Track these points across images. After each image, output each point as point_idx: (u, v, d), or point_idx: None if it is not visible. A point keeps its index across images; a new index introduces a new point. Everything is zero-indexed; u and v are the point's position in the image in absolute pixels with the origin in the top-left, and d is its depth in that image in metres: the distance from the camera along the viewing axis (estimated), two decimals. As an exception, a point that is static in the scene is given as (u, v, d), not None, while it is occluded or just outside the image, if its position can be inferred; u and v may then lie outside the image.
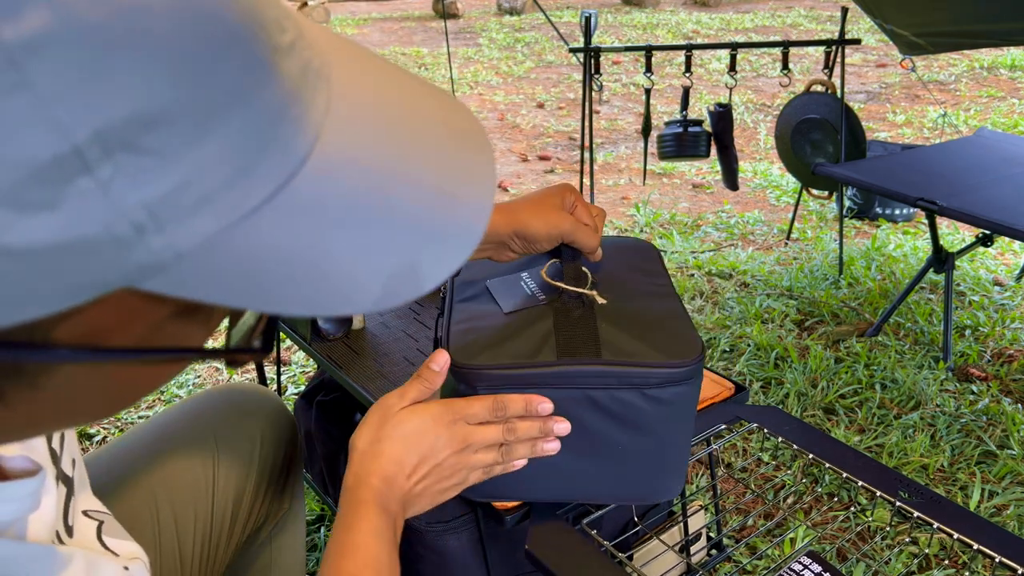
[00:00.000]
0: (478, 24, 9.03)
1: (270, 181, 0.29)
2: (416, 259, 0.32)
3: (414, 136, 0.34)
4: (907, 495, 0.87)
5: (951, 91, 5.46)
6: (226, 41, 0.27)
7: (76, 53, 0.24)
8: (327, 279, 0.30)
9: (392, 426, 0.72)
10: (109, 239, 0.25)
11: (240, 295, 0.29)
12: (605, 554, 0.83)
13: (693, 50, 2.53)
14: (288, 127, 0.29)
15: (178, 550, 0.85)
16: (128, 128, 0.25)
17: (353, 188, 0.31)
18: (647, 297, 0.89)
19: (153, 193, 0.26)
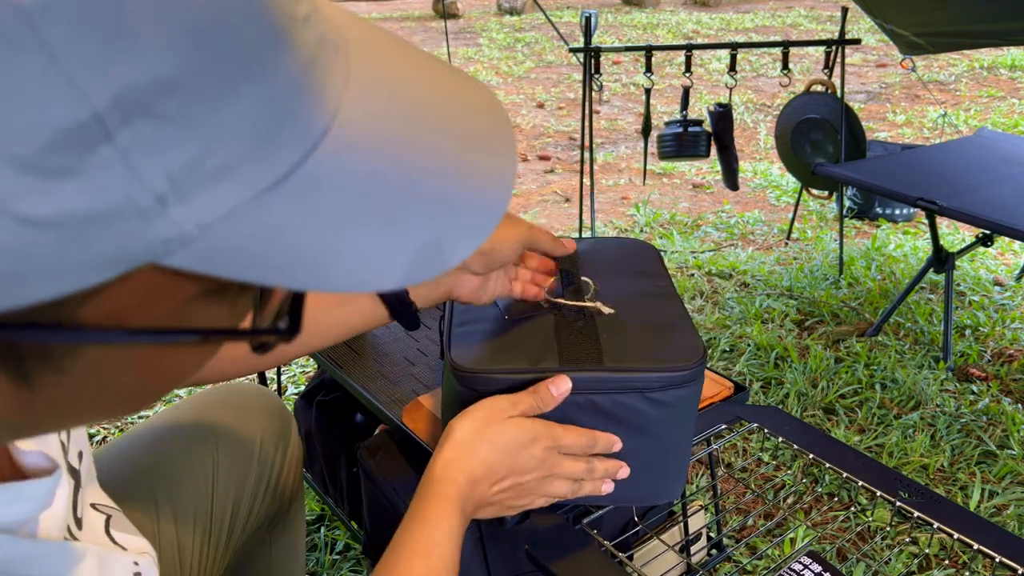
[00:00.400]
0: (478, 24, 9.03)
1: (291, 153, 0.28)
2: (440, 234, 0.32)
3: (434, 110, 0.34)
4: (907, 495, 0.87)
5: (951, 91, 5.46)
6: (243, 7, 0.26)
7: (94, 15, 0.23)
8: (352, 255, 0.30)
9: (496, 431, 0.72)
10: (132, 210, 0.25)
11: (265, 271, 0.28)
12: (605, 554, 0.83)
13: (693, 50, 2.53)
14: (307, 99, 0.28)
15: (178, 550, 0.85)
16: (147, 93, 0.24)
17: (375, 162, 0.30)
18: (648, 299, 0.90)
19: (173, 162, 0.25)
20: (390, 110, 0.32)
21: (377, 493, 1.07)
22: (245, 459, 0.93)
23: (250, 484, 0.93)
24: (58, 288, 0.26)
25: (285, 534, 1.02)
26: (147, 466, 0.87)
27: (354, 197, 0.30)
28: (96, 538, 0.55)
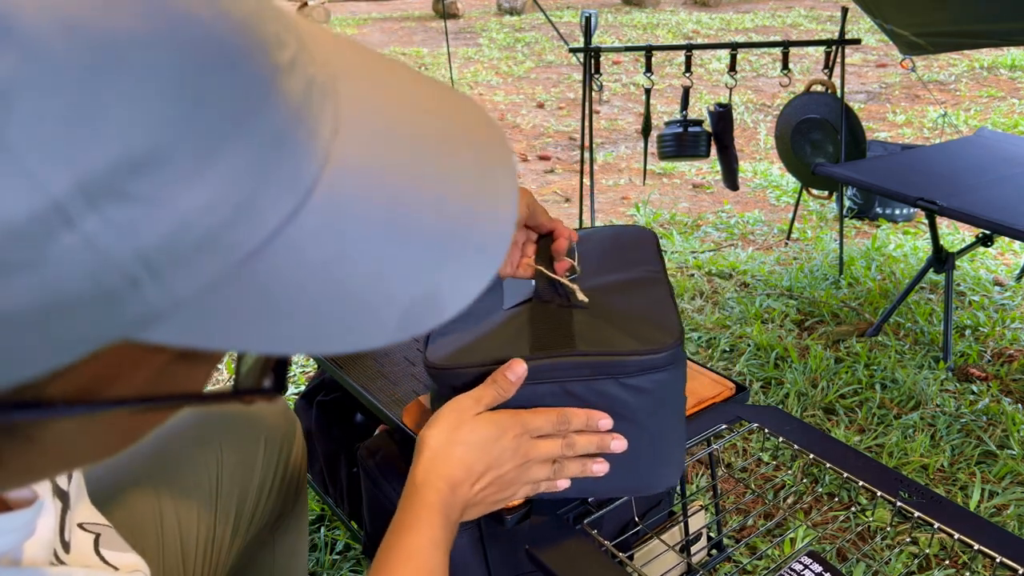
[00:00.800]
0: (478, 24, 9.03)
1: (276, 214, 0.26)
2: (436, 286, 0.30)
3: (430, 148, 0.32)
4: (907, 495, 0.87)
5: (951, 91, 5.46)
6: (221, 65, 0.25)
7: (51, 98, 0.21)
8: (340, 315, 0.28)
9: (467, 431, 0.72)
10: (99, 293, 0.23)
11: (245, 338, 0.26)
12: (605, 554, 0.83)
13: (693, 50, 2.53)
14: (293, 153, 0.26)
15: (181, 552, 0.85)
16: (114, 175, 0.22)
17: (366, 213, 0.28)
18: (633, 284, 0.89)
19: (146, 242, 0.23)
20: (382, 154, 0.30)
21: (377, 493, 1.07)
22: (249, 460, 0.92)
23: (254, 485, 0.93)
24: (18, 375, 0.24)
25: (288, 535, 1.02)
26: (151, 467, 0.87)
27: (343, 254, 0.28)
28: (85, 559, 0.54)
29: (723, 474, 1.69)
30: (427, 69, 6.67)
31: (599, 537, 0.85)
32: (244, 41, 0.25)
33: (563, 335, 0.80)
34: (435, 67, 6.73)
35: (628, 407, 0.78)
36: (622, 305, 0.85)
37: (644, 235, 1.01)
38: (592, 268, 0.93)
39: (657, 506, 1.11)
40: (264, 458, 0.94)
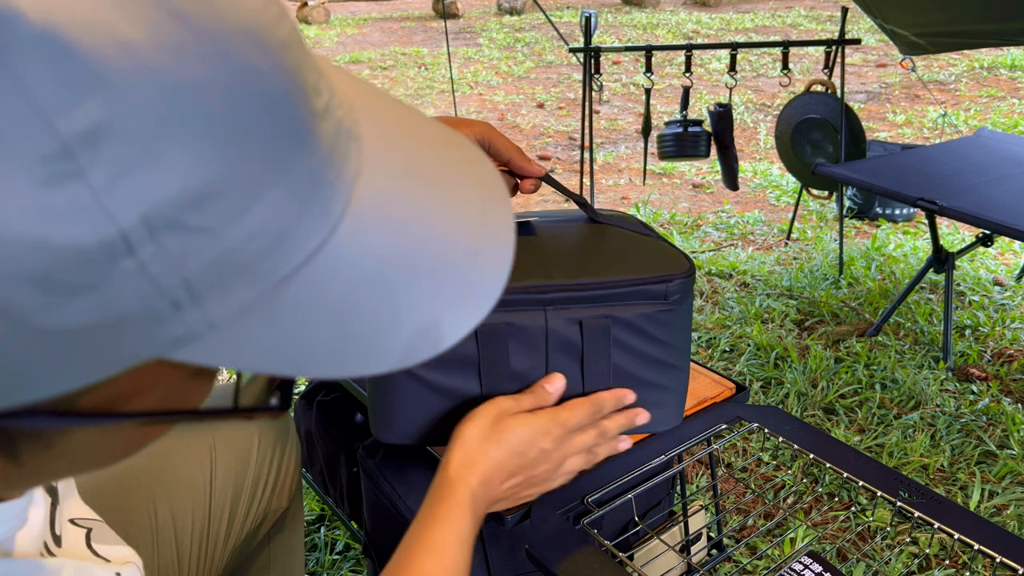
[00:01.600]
0: (478, 24, 9.03)
1: (305, 247, 0.28)
2: (439, 318, 0.32)
3: (440, 191, 0.34)
4: (907, 495, 0.87)
5: (951, 91, 5.46)
6: (273, 112, 0.27)
7: (129, 139, 0.23)
8: (354, 341, 0.30)
9: (505, 430, 0.73)
10: (146, 315, 0.25)
11: (268, 361, 0.28)
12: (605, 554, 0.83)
13: (693, 50, 2.53)
14: (324, 192, 0.29)
15: (176, 549, 0.85)
16: (175, 208, 0.25)
17: (382, 249, 0.31)
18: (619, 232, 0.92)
19: (193, 269, 0.26)
20: (397, 195, 0.32)
21: (377, 493, 1.07)
22: (243, 458, 0.92)
23: (248, 483, 0.93)
24: (62, 387, 0.26)
25: (284, 534, 1.02)
26: (144, 465, 0.87)
27: (359, 286, 0.30)
28: (77, 553, 0.54)
29: (723, 474, 1.69)
30: (427, 69, 6.67)
31: (599, 537, 0.85)
32: (291, 90, 0.28)
33: (588, 261, 0.83)
34: (435, 67, 6.73)
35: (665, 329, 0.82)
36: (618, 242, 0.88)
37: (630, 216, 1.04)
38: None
39: (657, 506, 1.11)
40: (258, 455, 0.94)
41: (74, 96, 0.23)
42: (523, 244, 0.87)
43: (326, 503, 1.57)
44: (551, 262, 0.83)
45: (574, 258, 0.84)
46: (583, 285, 0.79)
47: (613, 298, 0.80)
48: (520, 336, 0.80)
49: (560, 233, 0.89)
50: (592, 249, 0.86)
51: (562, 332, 0.80)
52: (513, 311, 0.79)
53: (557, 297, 0.79)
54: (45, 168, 0.23)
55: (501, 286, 0.34)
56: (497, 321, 0.79)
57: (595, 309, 0.80)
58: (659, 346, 0.83)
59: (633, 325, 0.81)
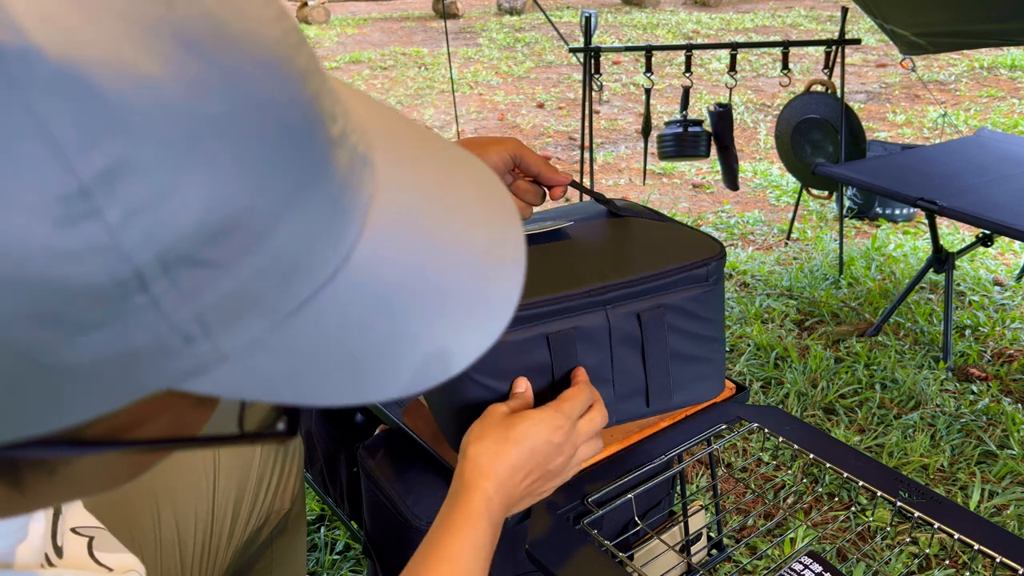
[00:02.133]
0: (478, 24, 9.03)
1: (319, 276, 0.28)
2: (448, 344, 0.32)
3: (450, 216, 0.34)
4: (907, 495, 0.87)
5: (951, 91, 5.46)
6: (289, 143, 0.26)
7: (146, 176, 0.23)
8: (362, 369, 0.30)
9: (513, 429, 0.74)
10: (157, 349, 0.25)
11: (276, 391, 0.28)
12: (605, 554, 0.83)
13: (693, 50, 2.53)
14: (338, 221, 0.29)
15: (179, 551, 0.85)
16: (189, 243, 0.24)
17: (392, 276, 0.30)
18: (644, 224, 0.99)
19: (206, 303, 0.25)
20: (408, 220, 0.32)
21: (377, 493, 1.07)
22: (246, 459, 0.93)
23: (251, 485, 0.93)
24: (70, 420, 0.26)
25: (286, 535, 1.02)
26: (147, 467, 0.87)
27: (369, 315, 0.30)
28: (79, 563, 0.54)
29: (723, 474, 1.69)
30: (427, 69, 6.67)
31: (599, 537, 0.85)
32: (309, 120, 0.27)
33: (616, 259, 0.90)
34: (435, 67, 6.73)
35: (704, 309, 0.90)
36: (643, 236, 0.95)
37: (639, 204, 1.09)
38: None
39: (657, 506, 1.11)
40: (261, 457, 0.94)
41: (93, 136, 0.22)
42: (562, 250, 0.92)
43: (326, 503, 1.57)
44: (602, 263, 0.89)
45: (620, 256, 0.91)
46: (638, 280, 0.86)
47: (664, 288, 0.88)
48: (586, 337, 0.86)
49: (592, 233, 0.96)
50: (631, 245, 0.94)
51: (623, 327, 0.87)
52: (578, 315, 0.85)
53: (616, 296, 0.86)
54: (62, 209, 0.22)
55: (512, 309, 0.33)
56: (566, 327, 0.84)
57: (650, 300, 0.88)
58: (704, 323, 0.91)
59: (682, 309, 0.89)
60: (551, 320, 0.84)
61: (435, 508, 0.99)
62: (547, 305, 0.84)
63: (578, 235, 0.96)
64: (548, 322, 0.84)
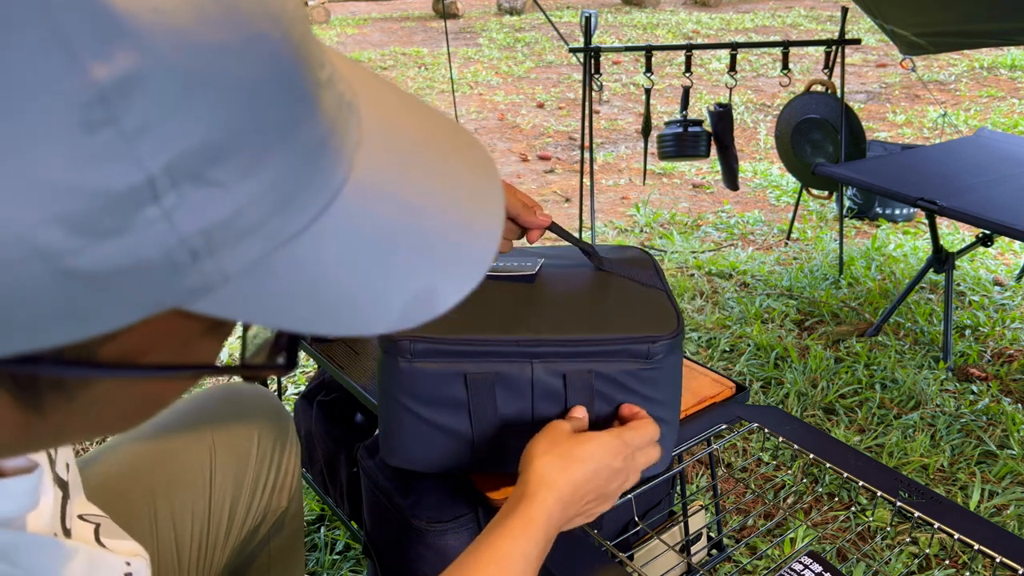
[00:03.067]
0: (478, 24, 9.03)
1: (311, 208, 0.31)
2: (435, 283, 0.34)
3: (433, 165, 0.36)
4: (907, 495, 0.87)
5: (951, 91, 5.46)
6: (282, 78, 0.29)
7: (159, 91, 0.25)
8: (355, 301, 0.32)
9: (581, 447, 0.75)
10: (167, 263, 0.27)
11: (276, 316, 0.31)
12: (605, 554, 0.83)
13: (693, 50, 2.53)
14: (328, 158, 0.31)
15: (175, 549, 0.85)
16: (195, 160, 0.26)
17: (382, 215, 0.33)
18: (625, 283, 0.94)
19: (211, 221, 0.27)
20: (394, 167, 0.35)
21: (377, 493, 1.07)
22: (242, 458, 0.93)
23: (248, 483, 0.93)
24: (88, 331, 0.27)
25: (284, 533, 1.02)
26: (144, 464, 0.87)
27: (361, 248, 0.32)
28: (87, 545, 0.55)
29: (723, 474, 1.69)
30: (427, 69, 6.67)
31: (599, 537, 0.85)
32: (298, 58, 0.30)
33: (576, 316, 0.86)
34: (435, 67, 6.73)
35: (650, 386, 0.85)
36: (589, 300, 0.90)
37: (644, 256, 1.04)
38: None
39: (657, 506, 1.11)
40: (258, 455, 0.94)
41: (109, 47, 0.24)
42: (519, 293, 0.91)
43: (326, 503, 1.57)
44: (542, 315, 0.86)
45: (565, 311, 0.87)
46: (567, 341, 0.83)
47: (598, 355, 0.83)
48: (508, 384, 0.84)
49: (561, 280, 0.93)
50: (585, 302, 0.89)
51: (547, 382, 0.84)
52: (501, 362, 0.83)
53: (543, 351, 0.83)
54: (83, 114, 0.24)
55: (491, 257, 0.36)
56: (487, 371, 0.83)
57: (579, 363, 0.83)
58: (642, 400, 0.85)
59: (616, 380, 0.84)
60: (473, 360, 0.83)
61: (435, 508, 0.99)
62: (469, 344, 0.83)
63: (545, 281, 0.93)
64: (470, 361, 0.83)
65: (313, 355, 1.28)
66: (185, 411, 0.94)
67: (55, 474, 0.55)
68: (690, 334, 2.33)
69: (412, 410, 0.86)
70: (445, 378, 0.84)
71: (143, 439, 0.90)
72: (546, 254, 1.01)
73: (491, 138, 4.64)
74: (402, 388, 0.86)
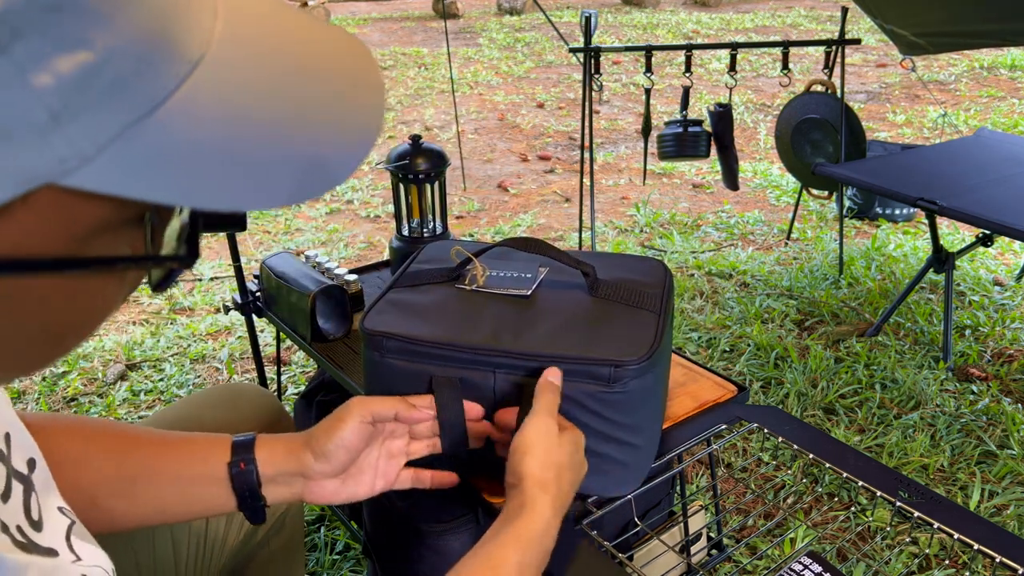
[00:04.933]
0: (478, 24, 9.03)
1: (173, 73, 0.30)
2: (322, 154, 0.34)
3: (310, 46, 0.36)
4: (907, 495, 0.87)
5: (951, 91, 5.46)
6: None
7: None
8: (241, 172, 0.32)
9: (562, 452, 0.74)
10: (27, 125, 0.26)
11: (162, 190, 0.30)
12: (605, 554, 0.83)
13: (693, 50, 2.53)
14: (186, 22, 0.30)
15: (173, 550, 0.85)
16: (33, 10, 0.25)
17: (255, 85, 0.32)
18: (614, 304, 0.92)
19: (65, 77, 0.26)
20: (262, 40, 0.34)
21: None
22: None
23: (249, 484, 0.92)
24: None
25: (282, 535, 1.02)
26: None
27: (239, 117, 0.32)
28: (55, 540, 0.54)
29: (723, 474, 1.69)
30: (427, 69, 6.67)
31: (599, 537, 0.85)
32: None
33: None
34: (435, 67, 6.73)
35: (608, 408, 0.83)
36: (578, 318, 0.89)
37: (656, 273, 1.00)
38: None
39: (657, 506, 1.11)
40: None
41: None
42: (509, 305, 0.91)
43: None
44: (513, 327, 0.87)
45: (540, 327, 0.87)
46: (525, 355, 0.83)
47: None
48: (474, 390, 0.85)
49: (552, 297, 0.93)
50: (566, 320, 0.88)
51: (508, 393, 0.85)
52: (466, 368, 0.85)
53: (503, 363, 0.84)
54: None
55: (376, 132, 0.36)
56: (451, 375, 0.85)
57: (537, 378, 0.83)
58: (604, 422, 0.83)
59: (576, 400, 0.83)
60: (439, 363, 0.85)
61: (435, 509, 0.99)
62: (433, 347, 0.84)
63: (538, 296, 0.93)
64: (436, 364, 0.85)
65: (313, 355, 1.28)
66: (185, 412, 0.93)
67: (11, 469, 0.53)
68: (690, 334, 2.33)
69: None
70: (411, 376, 0.86)
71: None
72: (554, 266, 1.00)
73: (491, 138, 4.64)
74: (378, 380, 0.89)
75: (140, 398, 2.08)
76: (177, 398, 2.09)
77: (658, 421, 0.92)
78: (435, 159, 1.39)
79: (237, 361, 2.26)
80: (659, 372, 0.87)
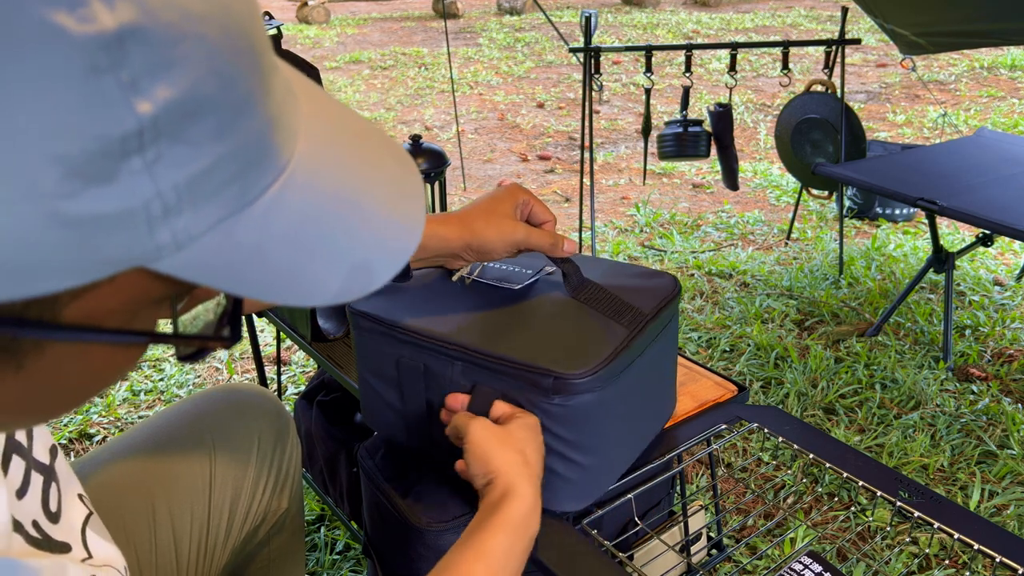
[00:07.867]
0: (478, 24, 9.03)
1: (265, 178, 0.32)
2: (369, 259, 0.36)
3: (364, 154, 0.39)
4: (907, 495, 0.87)
5: (951, 91, 5.46)
6: (251, 52, 0.31)
7: (152, 45, 0.27)
8: (299, 272, 0.34)
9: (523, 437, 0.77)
10: (144, 216, 0.28)
11: (231, 280, 0.32)
12: (605, 554, 0.83)
13: (693, 50, 2.53)
14: (280, 134, 0.33)
15: (175, 549, 0.85)
16: (177, 116, 0.28)
17: (324, 193, 0.35)
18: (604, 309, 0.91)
19: (183, 177, 0.29)
20: (331, 152, 0.37)
21: (377, 493, 1.07)
22: (242, 459, 0.92)
23: (248, 483, 0.93)
24: (61, 283, 0.28)
25: (283, 534, 1.02)
26: (145, 465, 0.87)
27: (307, 222, 0.34)
28: (71, 534, 0.54)
29: (723, 474, 1.70)
30: (427, 69, 6.67)
31: (599, 537, 0.85)
32: (259, 39, 0.32)
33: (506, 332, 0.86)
34: (435, 67, 6.73)
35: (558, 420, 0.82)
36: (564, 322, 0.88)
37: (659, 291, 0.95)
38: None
39: (657, 506, 1.11)
40: (258, 456, 0.94)
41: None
42: (494, 301, 0.92)
43: (326, 503, 1.57)
44: (481, 323, 0.88)
45: (504, 325, 0.87)
46: (471, 351, 0.84)
47: (500, 372, 0.83)
48: (435, 378, 0.88)
49: (537, 297, 0.93)
50: (530, 320, 0.88)
51: (462, 387, 0.86)
52: (430, 356, 0.88)
53: (458, 356, 0.85)
54: (90, 58, 0.25)
55: (417, 239, 0.38)
56: (416, 361, 0.89)
57: (488, 377, 0.84)
58: (551, 436, 0.82)
59: (521, 406, 0.83)
60: (406, 347, 0.89)
61: (434, 508, 0.99)
62: (400, 332, 0.88)
63: (530, 293, 0.93)
64: (402, 347, 0.89)
65: (313, 355, 1.28)
66: (186, 412, 0.94)
67: (33, 460, 0.54)
68: (690, 334, 2.33)
69: (365, 377, 0.97)
70: (385, 356, 0.92)
71: (143, 441, 0.90)
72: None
73: (491, 138, 4.64)
74: (362, 355, 0.95)
75: (140, 398, 2.08)
76: (177, 398, 2.09)
77: (622, 445, 0.89)
78: (435, 159, 1.39)
79: (237, 361, 2.26)
80: (620, 391, 0.83)
